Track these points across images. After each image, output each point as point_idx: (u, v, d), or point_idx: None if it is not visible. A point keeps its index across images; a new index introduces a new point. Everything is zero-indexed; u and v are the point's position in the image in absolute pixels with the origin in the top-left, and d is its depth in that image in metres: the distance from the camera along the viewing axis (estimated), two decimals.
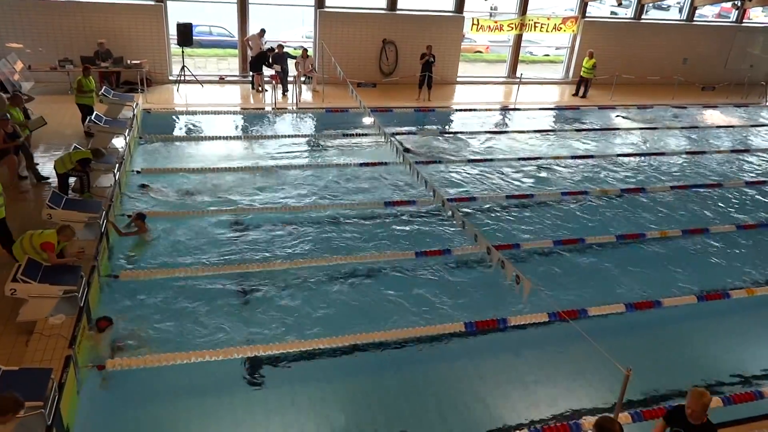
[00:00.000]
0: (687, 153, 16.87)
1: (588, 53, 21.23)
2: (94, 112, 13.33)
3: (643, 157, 16.19)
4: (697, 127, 19.62)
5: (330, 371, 7.41)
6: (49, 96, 16.36)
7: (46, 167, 12.10)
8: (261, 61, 18.61)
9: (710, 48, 24.70)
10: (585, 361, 7.63)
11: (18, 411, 5.12)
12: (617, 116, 19.96)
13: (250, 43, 19.02)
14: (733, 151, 17.40)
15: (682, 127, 19.44)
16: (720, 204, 13.34)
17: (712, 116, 21.37)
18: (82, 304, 7.26)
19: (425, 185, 10.19)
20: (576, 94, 21.79)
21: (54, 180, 11.47)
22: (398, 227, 11.18)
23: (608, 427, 4.77)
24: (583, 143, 17.13)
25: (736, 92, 23.59)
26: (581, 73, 21.68)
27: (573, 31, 22.96)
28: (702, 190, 14.06)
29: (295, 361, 7.44)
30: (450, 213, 8.92)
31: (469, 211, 11.94)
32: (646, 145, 17.45)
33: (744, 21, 25.39)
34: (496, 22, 21.84)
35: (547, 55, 29.26)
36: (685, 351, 8.23)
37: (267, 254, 9.78)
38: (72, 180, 10.83)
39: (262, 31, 18.86)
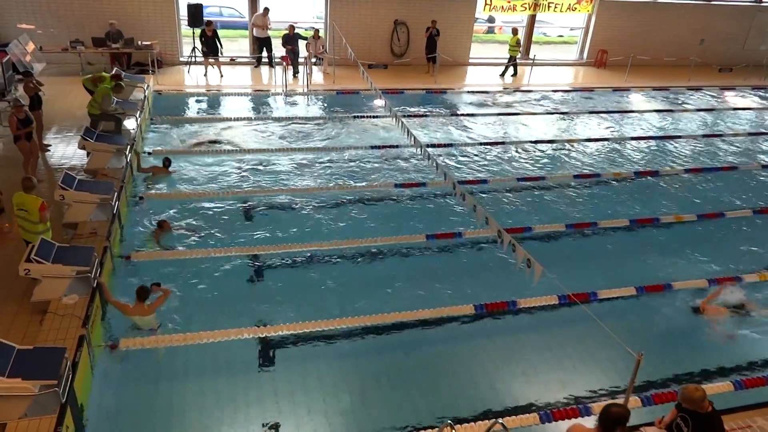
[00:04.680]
0: (703, 136, 16.62)
1: (512, 30, 20.61)
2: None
3: (657, 140, 15.98)
4: (713, 110, 19.32)
5: (340, 352, 7.45)
6: (61, 77, 16.40)
7: (58, 149, 12.19)
8: (207, 41, 17.81)
9: (728, 28, 24.18)
10: (595, 345, 7.61)
11: None
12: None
13: (259, 23, 18.79)
14: (750, 134, 17.12)
15: (698, 110, 19.15)
16: (736, 188, 13.16)
17: (730, 98, 21.02)
18: (94, 285, 7.32)
19: (437, 168, 10.13)
20: (503, 75, 20.82)
21: (67, 162, 11.59)
22: (409, 209, 11.16)
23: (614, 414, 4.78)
24: (597, 125, 16.93)
25: (755, 74, 23.15)
26: (508, 51, 20.86)
27: (588, 10, 22.57)
28: (718, 173, 13.87)
29: (305, 342, 7.49)
30: (461, 196, 8.85)
31: (481, 193, 11.88)
32: (661, 127, 17.22)
33: (764, 1, 24.81)
34: (509, 1, 21.49)
35: (561, 36, 28.83)
36: (697, 335, 8.17)
37: (278, 236, 9.80)
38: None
39: (266, 10, 18.64)
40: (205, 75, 18.11)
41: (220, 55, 18.23)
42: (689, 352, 7.83)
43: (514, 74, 20.91)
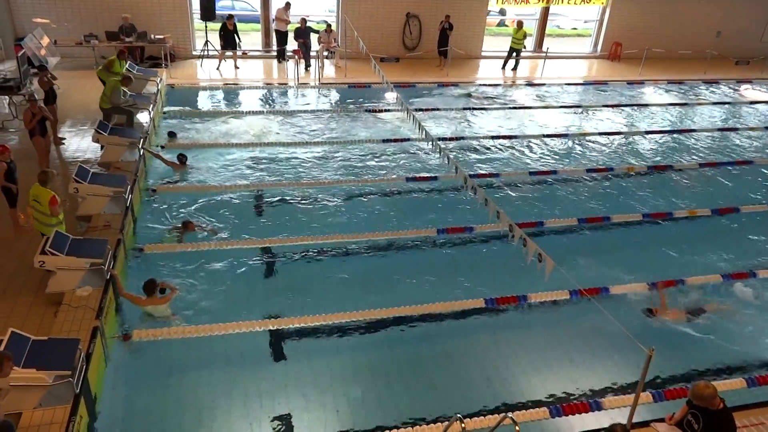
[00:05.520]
0: (718, 130, 16.41)
1: (516, 23, 20.24)
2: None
3: (672, 134, 15.80)
4: (729, 103, 19.07)
5: (350, 345, 7.48)
6: (75, 71, 16.53)
7: (73, 142, 12.30)
8: (227, 35, 17.92)
9: (745, 20, 23.83)
10: (607, 340, 7.57)
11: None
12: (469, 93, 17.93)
13: (283, 17, 18.75)
14: (767, 128, 16.85)
15: (714, 103, 18.92)
16: (752, 182, 12.99)
17: (746, 91, 20.72)
18: (108, 277, 7.40)
19: (448, 162, 10.10)
20: (515, 69, 20.51)
21: (81, 155, 11.69)
22: (420, 203, 11.16)
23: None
24: (610, 119, 16.78)
25: None
26: (511, 44, 20.32)
27: (602, 2, 22.33)
28: (733, 167, 13.70)
29: (316, 335, 7.52)
30: (472, 190, 8.83)
31: (492, 187, 11.83)
32: (676, 121, 17.04)
33: None
34: None
35: (575, 29, 28.58)
36: (709, 331, 8.08)
37: (289, 229, 9.83)
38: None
39: (288, 5, 18.65)
40: (218, 68, 18.17)
41: (238, 48, 18.32)
42: (702, 348, 7.75)
43: (515, 68, 20.66)
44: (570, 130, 15.51)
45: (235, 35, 17.99)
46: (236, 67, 18.38)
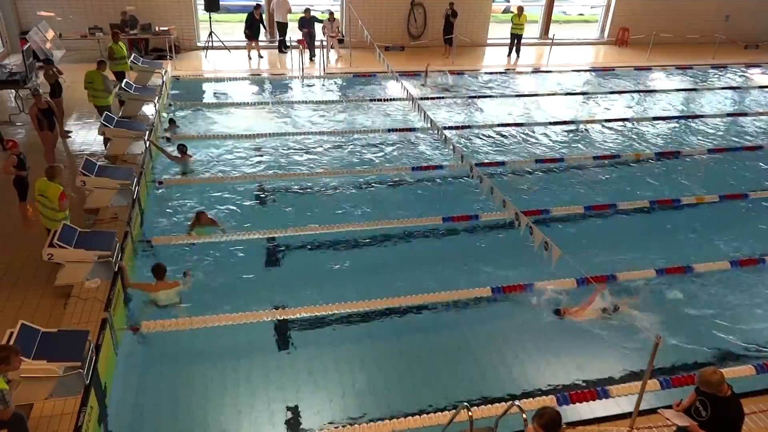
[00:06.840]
0: (727, 115, 16.24)
1: (517, 8, 19.85)
2: (125, 80, 13.44)
3: (680, 120, 15.66)
4: (738, 88, 18.86)
5: (357, 335, 7.49)
6: (80, 64, 16.51)
7: (79, 135, 12.34)
8: (253, 24, 18.23)
9: (754, 4, 23.49)
10: (614, 327, 7.55)
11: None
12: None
13: (286, 8, 18.71)
14: None
15: (723, 88, 18.72)
16: (761, 168, 12.86)
17: (755, 76, 20.48)
18: (116, 269, 7.45)
19: (454, 151, 10.07)
20: (509, 55, 20.32)
21: (87, 149, 11.72)
22: (426, 192, 11.13)
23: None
24: (617, 105, 16.64)
25: None
26: (511, 30, 19.97)
27: None
28: (742, 153, 13.56)
29: (323, 325, 7.54)
30: (478, 178, 8.80)
31: (498, 176, 11.78)
32: (684, 107, 16.88)
33: None
34: None
35: (582, 15, 28.30)
36: (718, 317, 8.04)
37: (295, 219, 9.84)
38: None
39: None
40: (250, 58, 18.58)
41: (265, 37, 18.76)
42: (710, 335, 7.71)
43: (517, 56, 20.46)
44: (576, 118, 15.39)
45: (261, 24, 18.33)
46: (260, 56, 18.77)
